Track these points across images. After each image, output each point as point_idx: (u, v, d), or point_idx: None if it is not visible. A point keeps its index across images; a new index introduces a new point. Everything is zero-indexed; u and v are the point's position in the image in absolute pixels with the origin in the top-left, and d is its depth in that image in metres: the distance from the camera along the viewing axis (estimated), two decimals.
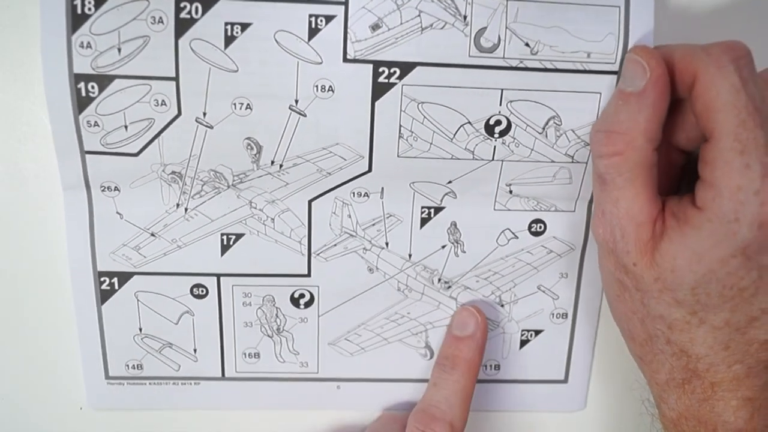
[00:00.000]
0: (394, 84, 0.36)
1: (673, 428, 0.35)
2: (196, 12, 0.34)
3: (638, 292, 0.34)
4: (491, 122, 0.37)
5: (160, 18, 0.34)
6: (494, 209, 0.39)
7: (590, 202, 0.39)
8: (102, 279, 0.39)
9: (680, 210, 0.32)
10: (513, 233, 0.40)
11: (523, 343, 0.43)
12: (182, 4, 0.34)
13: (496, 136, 0.37)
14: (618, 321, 0.37)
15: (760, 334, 0.32)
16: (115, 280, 0.39)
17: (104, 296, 0.40)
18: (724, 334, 0.32)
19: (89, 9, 0.34)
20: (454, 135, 0.37)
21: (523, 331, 0.42)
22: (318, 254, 0.40)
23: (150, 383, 0.42)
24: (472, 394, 0.39)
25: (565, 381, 0.43)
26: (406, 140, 0.37)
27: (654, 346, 0.34)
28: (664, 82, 0.32)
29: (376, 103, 0.36)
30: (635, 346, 0.36)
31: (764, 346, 0.32)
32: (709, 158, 0.31)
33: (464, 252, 0.40)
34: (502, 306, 0.42)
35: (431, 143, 0.37)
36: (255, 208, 0.39)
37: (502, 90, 0.36)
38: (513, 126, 0.37)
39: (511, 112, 0.37)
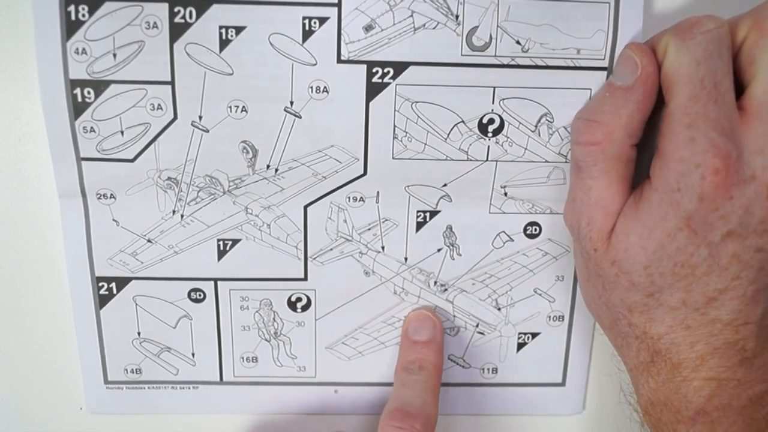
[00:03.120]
0: (387, 84, 0.34)
1: (644, 416, 0.33)
2: (190, 16, 0.32)
3: (599, 278, 0.32)
4: (484, 121, 0.35)
5: (155, 23, 0.32)
6: (489, 212, 0.37)
7: None
8: (100, 284, 0.37)
9: (639, 188, 0.31)
10: (508, 236, 0.37)
11: (520, 346, 0.40)
12: (176, 9, 0.32)
13: (490, 135, 0.35)
14: (588, 305, 0.35)
15: (722, 315, 0.30)
16: (113, 285, 0.37)
17: (102, 301, 0.37)
18: (682, 314, 0.30)
19: (83, 15, 0.32)
20: (448, 135, 0.35)
21: (520, 334, 0.39)
22: (314, 258, 0.37)
23: (149, 387, 0.39)
24: (438, 394, 0.37)
25: (562, 384, 0.40)
26: (401, 141, 0.35)
27: (619, 329, 0.33)
28: (653, 81, 0.30)
29: (371, 103, 0.34)
30: (605, 331, 0.34)
31: (728, 326, 0.30)
32: (661, 128, 0.30)
33: (460, 255, 0.38)
34: (499, 309, 0.39)
35: (425, 143, 0.35)
36: (251, 214, 0.36)
37: (494, 88, 0.34)
38: (506, 124, 0.35)
39: (504, 110, 0.34)
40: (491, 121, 0.35)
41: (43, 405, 0.40)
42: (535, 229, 0.37)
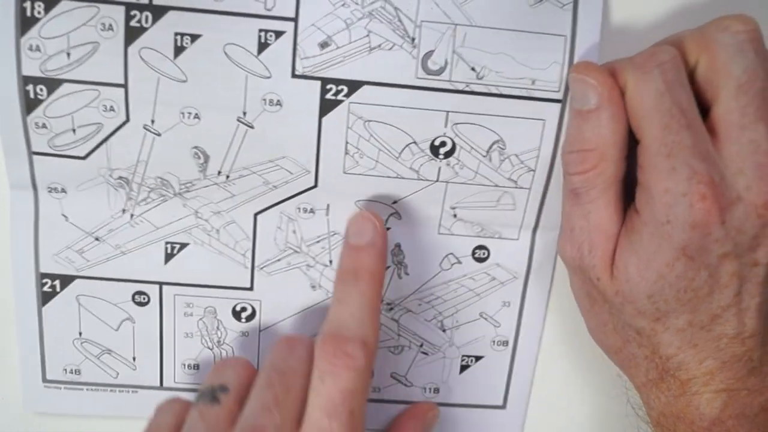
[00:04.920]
0: (341, 101, 0.34)
1: (656, 427, 0.33)
2: (147, 21, 0.33)
3: (606, 304, 0.33)
4: (436, 143, 0.35)
5: (110, 25, 0.33)
6: (438, 233, 0.37)
7: (534, 230, 0.37)
8: (44, 281, 0.37)
9: (629, 219, 0.31)
10: (456, 258, 0.38)
11: (464, 368, 0.40)
12: (132, 12, 0.33)
13: (441, 157, 0.35)
14: (593, 334, 0.35)
15: (728, 330, 0.30)
16: (57, 282, 0.37)
17: (45, 298, 0.37)
18: (689, 334, 0.31)
19: (38, 12, 0.32)
20: (400, 154, 0.35)
21: (463, 356, 0.40)
22: (261, 268, 0.38)
23: (88, 389, 0.39)
24: (380, 307, 0.35)
25: (503, 407, 0.41)
26: (352, 157, 0.35)
27: (629, 351, 0.33)
28: (617, 93, 0.31)
29: (323, 119, 0.34)
30: (613, 356, 0.35)
31: (734, 340, 0.31)
32: (641, 162, 0.30)
33: (407, 274, 0.38)
34: (444, 331, 0.39)
35: (377, 161, 0.35)
36: (200, 218, 0.37)
37: (447, 112, 0.34)
38: (458, 148, 0.35)
39: (456, 134, 0.35)
40: (443, 144, 0.35)
41: None
42: (484, 253, 0.38)
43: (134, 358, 0.39)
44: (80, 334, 0.38)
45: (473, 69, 0.34)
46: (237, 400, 0.33)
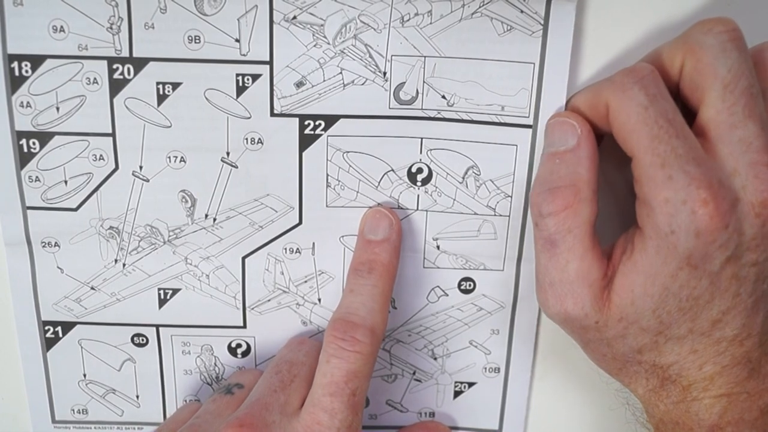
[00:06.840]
0: (319, 135, 0.34)
1: None
2: (129, 73, 0.33)
3: (601, 341, 0.32)
4: (413, 170, 0.35)
5: (95, 79, 0.33)
6: (423, 267, 0.37)
7: (518, 261, 0.36)
8: (46, 327, 0.37)
9: (627, 242, 0.30)
10: (443, 290, 0.37)
11: (457, 393, 0.39)
12: (115, 66, 0.33)
13: (419, 184, 0.35)
14: (592, 360, 0.34)
15: (727, 333, 0.29)
16: (59, 328, 0.38)
17: (49, 344, 0.38)
18: (689, 340, 0.30)
19: (26, 71, 0.33)
20: (379, 182, 0.35)
21: (456, 382, 0.39)
22: (252, 308, 0.37)
23: (95, 427, 0.40)
24: (390, 299, 0.35)
25: (499, 431, 0.40)
26: (334, 189, 0.35)
27: (628, 370, 0.32)
28: (593, 134, 0.31)
29: (304, 154, 0.34)
30: (613, 376, 0.34)
31: (733, 342, 0.30)
32: (636, 176, 0.29)
33: (395, 308, 0.38)
34: (435, 359, 0.38)
35: (357, 191, 0.35)
36: (190, 264, 0.37)
37: (421, 138, 0.34)
38: (434, 174, 0.35)
39: (432, 160, 0.35)
40: (420, 170, 0.35)
41: None
42: (470, 285, 0.37)
43: (137, 396, 0.39)
44: (85, 375, 0.39)
45: (443, 97, 0.33)
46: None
